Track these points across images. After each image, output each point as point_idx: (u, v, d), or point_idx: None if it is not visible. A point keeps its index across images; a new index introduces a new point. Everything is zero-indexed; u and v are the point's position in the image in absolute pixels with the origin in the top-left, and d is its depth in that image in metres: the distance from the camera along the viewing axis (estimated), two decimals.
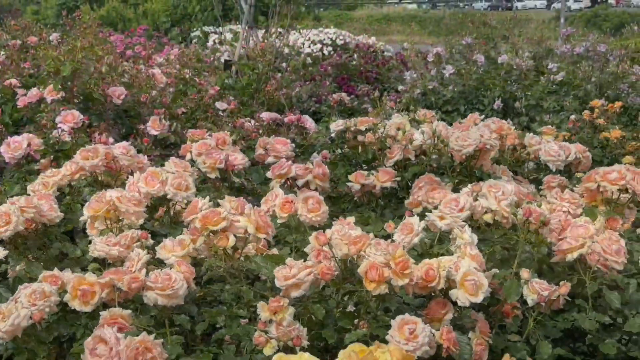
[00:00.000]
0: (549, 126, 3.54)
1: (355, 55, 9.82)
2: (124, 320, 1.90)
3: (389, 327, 1.85)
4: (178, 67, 5.80)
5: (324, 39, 17.39)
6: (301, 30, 16.04)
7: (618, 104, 5.34)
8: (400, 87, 8.31)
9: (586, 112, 5.10)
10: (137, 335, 1.79)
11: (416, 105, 7.27)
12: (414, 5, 53.14)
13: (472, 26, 8.32)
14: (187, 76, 5.26)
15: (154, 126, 3.87)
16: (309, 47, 16.50)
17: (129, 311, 1.92)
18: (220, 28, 8.86)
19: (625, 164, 3.35)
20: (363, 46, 10.62)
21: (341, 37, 17.79)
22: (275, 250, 2.49)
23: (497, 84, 7.32)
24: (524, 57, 7.53)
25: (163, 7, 22.04)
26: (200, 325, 2.09)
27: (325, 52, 15.93)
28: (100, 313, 1.92)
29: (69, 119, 3.53)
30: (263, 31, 7.92)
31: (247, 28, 7.21)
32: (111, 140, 3.67)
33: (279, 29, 7.46)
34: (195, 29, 12.76)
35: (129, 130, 4.23)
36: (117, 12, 22.57)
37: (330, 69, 9.46)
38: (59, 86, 4.01)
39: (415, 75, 7.49)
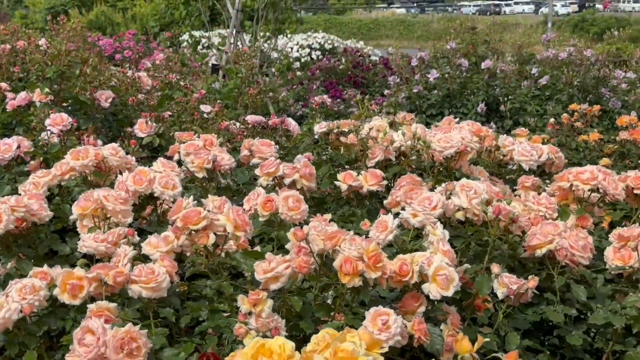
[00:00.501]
0: (523, 128, 3.66)
1: (342, 60, 9.94)
2: (110, 312, 1.99)
3: (364, 318, 1.95)
4: (165, 72, 5.89)
5: (313, 44, 17.54)
6: (289, 35, 16.16)
7: (596, 107, 5.46)
8: (386, 92, 8.43)
9: (565, 115, 5.22)
10: (123, 327, 1.88)
11: (401, 109, 7.40)
12: (403, 10, 53.43)
13: (454, 32, 8.41)
14: (173, 80, 5.35)
15: (141, 129, 3.95)
16: (298, 51, 16.65)
17: (115, 304, 2.01)
18: (209, 33, 8.94)
19: (602, 165, 3.46)
20: (351, 50, 10.73)
21: (329, 42, 17.95)
22: (258, 248, 2.59)
23: (481, 88, 7.45)
24: (507, 62, 7.65)
25: (152, 12, 22.12)
26: (184, 319, 2.18)
27: (314, 56, 16.08)
28: (88, 306, 2.01)
29: (58, 122, 3.61)
30: (250, 35, 8.01)
31: (234, 33, 7.31)
32: (99, 142, 3.76)
33: (266, 34, 7.56)
34: (183, 34, 12.86)
35: (117, 133, 4.32)
36: (106, 17, 22.63)
37: (319, 73, 9.57)
38: (47, 89, 4.09)
39: (399, 79, 7.60)
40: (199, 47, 10.57)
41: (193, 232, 2.14)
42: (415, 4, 59.05)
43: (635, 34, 36.30)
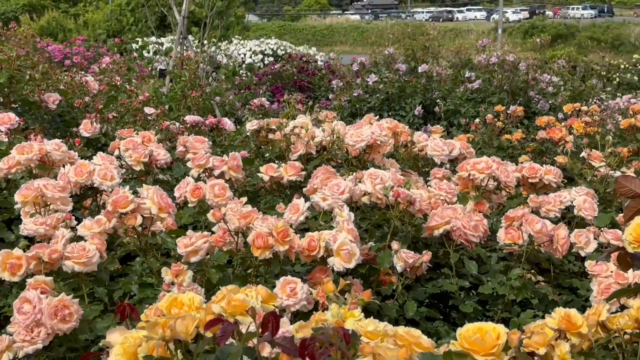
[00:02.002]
0: (438, 126, 3.98)
1: (288, 65, 10.24)
2: (47, 285, 2.23)
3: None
4: (111, 74, 6.12)
5: (265, 50, 17.81)
6: (242, 41, 16.40)
7: (519, 108, 5.84)
8: (330, 95, 8.74)
9: (489, 115, 5.58)
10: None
11: (343, 112, 7.72)
12: (357, 17, 53.96)
13: (393, 37, 8.77)
14: (119, 84, 5.59)
15: (86, 128, 4.19)
16: (251, 57, 16.90)
17: (51, 278, 2.25)
18: (156, 39, 9.17)
19: (521, 162, 3.80)
20: (296, 56, 11.04)
21: (282, 48, 18.23)
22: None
23: (419, 91, 7.79)
24: (443, 66, 8.02)
25: (104, 18, 22.19)
26: (117, 293, 2.45)
27: (267, 62, 16.34)
28: (27, 281, 2.25)
29: (5, 121, 3.83)
30: (197, 41, 8.27)
31: (180, 39, 7.56)
32: (46, 141, 3.99)
33: (213, 39, 7.83)
34: (132, 40, 13.05)
35: (64, 133, 4.54)
36: (58, 23, 22.61)
37: (265, 78, 9.84)
38: None
39: (341, 83, 7.92)
40: (148, 52, 10.78)
41: (122, 214, 2.40)
42: (369, 11, 59.70)
43: (582, 40, 37.30)
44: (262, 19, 46.61)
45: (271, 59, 16.66)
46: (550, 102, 7.73)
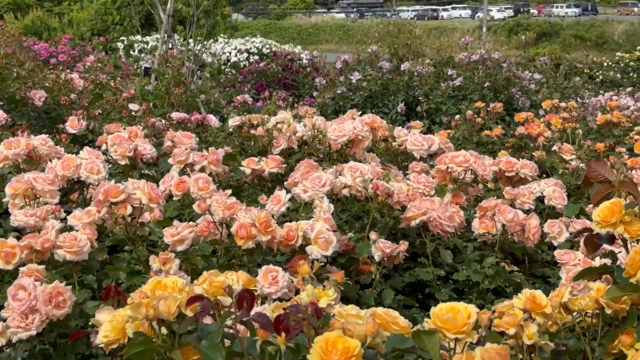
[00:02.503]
0: (418, 121, 4.09)
1: (273, 64, 10.32)
2: (39, 273, 2.32)
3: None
4: (97, 72, 6.20)
5: (251, 48, 17.88)
6: (227, 40, 16.46)
7: (499, 105, 5.96)
8: (314, 93, 8.84)
9: (469, 112, 5.69)
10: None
11: (327, 109, 7.82)
12: (342, 15, 54.05)
13: (377, 36, 8.89)
14: (104, 81, 5.68)
15: (72, 125, 4.27)
16: (236, 56, 16.98)
17: (43, 266, 2.33)
18: (142, 37, 9.24)
19: (499, 157, 3.91)
20: (280, 54, 11.13)
21: (267, 46, 18.30)
22: None
23: (402, 88, 7.90)
24: (425, 64, 8.13)
25: (89, 17, 22.18)
26: (106, 281, 2.54)
27: (252, 60, 16.40)
28: (20, 269, 2.34)
29: None
30: (183, 40, 8.35)
31: (165, 37, 7.63)
32: (33, 137, 4.07)
33: (198, 38, 7.90)
34: (117, 39, 13.12)
35: (50, 130, 4.62)
36: (42, 22, 22.59)
37: (250, 76, 9.93)
38: None
39: (324, 81, 8.01)
40: (134, 51, 10.85)
41: (113, 204, 2.49)
42: (354, 9, 59.83)
43: (566, 38, 37.56)
44: (247, 18, 46.65)
45: (256, 57, 16.73)
46: (532, 98, 7.86)
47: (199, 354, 1.49)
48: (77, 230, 2.47)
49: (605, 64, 18.31)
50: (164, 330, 1.54)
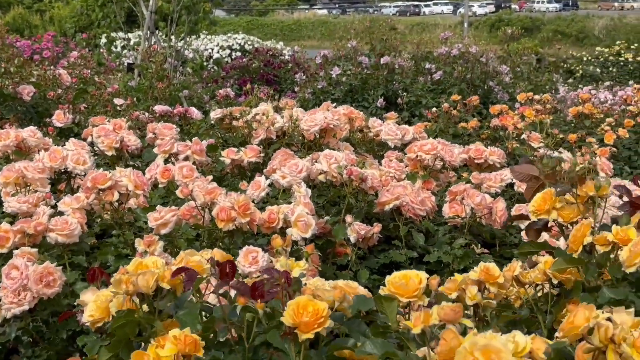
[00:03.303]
0: (393, 112, 4.24)
1: (255, 59, 10.45)
2: (32, 256, 2.45)
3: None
4: (80, 68, 6.32)
5: (233, 45, 17.96)
6: (209, 37, 16.56)
7: (475, 98, 6.12)
8: (296, 88, 8.98)
9: (445, 105, 5.85)
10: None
11: (308, 104, 7.95)
12: (325, 11, 54.15)
13: (354, 32, 9.03)
14: (88, 77, 5.80)
15: (59, 119, 4.40)
16: (218, 52, 17.06)
17: (36, 249, 2.47)
18: (125, 34, 9.35)
19: None
20: (262, 50, 11.26)
21: (249, 43, 18.38)
22: None
23: (381, 83, 8.05)
24: (405, 59, 8.28)
25: (70, 14, 22.20)
26: (94, 263, 2.67)
27: (234, 57, 16.49)
28: (14, 252, 2.47)
29: None
30: (165, 36, 8.47)
31: (148, 33, 7.75)
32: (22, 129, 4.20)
33: (181, 34, 8.03)
34: (100, 35, 13.20)
35: (37, 123, 4.74)
36: (24, 19, 22.58)
37: (232, 72, 10.05)
38: None
39: (305, 76, 8.15)
40: (116, 47, 10.95)
41: (101, 191, 2.63)
42: (336, 5, 59.95)
43: (547, 33, 37.85)
44: (229, 14, 46.64)
45: (239, 53, 16.81)
46: (509, 92, 8.04)
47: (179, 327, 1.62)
48: (67, 215, 2.61)
49: (585, 59, 18.54)
50: (145, 308, 1.68)
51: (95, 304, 1.76)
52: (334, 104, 4.16)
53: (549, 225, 2.00)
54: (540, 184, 2.06)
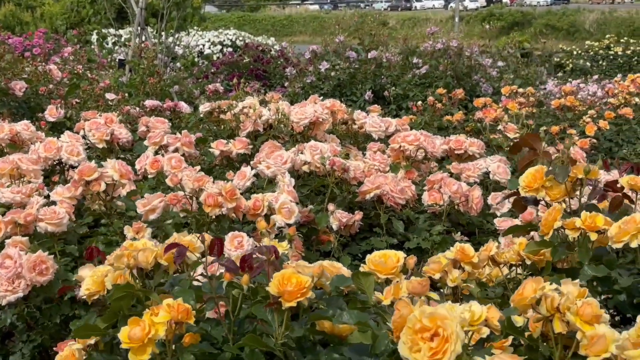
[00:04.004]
0: (376, 105, 4.36)
1: (245, 55, 10.55)
2: (23, 245, 2.55)
3: None
4: (73, 63, 6.42)
5: (224, 40, 18.02)
6: (200, 33, 16.62)
7: (460, 91, 6.23)
8: (285, 83, 9.09)
9: (430, 98, 5.96)
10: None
11: (297, 98, 8.06)
12: (316, 7, 54.19)
13: (339, 27, 9.14)
14: (80, 72, 5.90)
15: (51, 114, 4.49)
16: (210, 48, 17.13)
17: (27, 238, 2.57)
18: (115, 30, 9.44)
19: None
20: (252, 45, 11.35)
21: (241, 38, 18.44)
22: None
23: (369, 77, 8.17)
24: (392, 53, 8.40)
25: (61, 11, 22.24)
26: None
27: (226, 52, 16.54)
28: (6, 241, 2.57)
29: None
30: (155, 32, 8.56)
31: (139, 30, 7.85)
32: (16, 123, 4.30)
33: (171, 30, 8.12)
34: (91, 32, 13.28)
35: (30, 118, 4.83)
36: (15, 16, 22.59)
37: (223, 67, 10.14)
38: None
39: (294, 71, 8.26)
40: (107, 44, 11.04)
41: (88, 182, 2.74)
42: (328, 0, 59.99)
43: (538, 27, 37.97)
44: (221, 10, 46.68)
45: (230, 49, 16.86)
46: (494, 85, 8.16)
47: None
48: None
49: (575, 53, 18.68)
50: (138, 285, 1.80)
51: (92, 279, 1.89)
52: (321, 98, 4.27)
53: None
54: (534, 158, 2.18)
